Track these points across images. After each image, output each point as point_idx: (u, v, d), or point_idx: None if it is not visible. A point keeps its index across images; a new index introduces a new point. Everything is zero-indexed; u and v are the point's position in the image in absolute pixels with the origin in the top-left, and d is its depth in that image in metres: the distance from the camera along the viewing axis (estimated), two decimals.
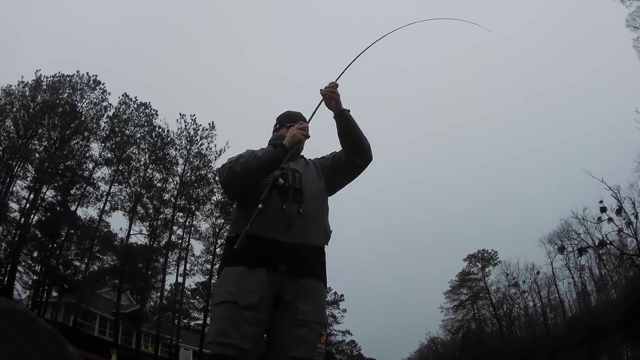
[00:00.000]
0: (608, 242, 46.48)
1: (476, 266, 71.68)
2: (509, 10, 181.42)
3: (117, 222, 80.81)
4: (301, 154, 3.34)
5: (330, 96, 3.14)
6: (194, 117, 46.47)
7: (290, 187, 2.92)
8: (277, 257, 2.72)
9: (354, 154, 3.19)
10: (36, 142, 38.03)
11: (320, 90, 3.17)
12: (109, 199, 42.07)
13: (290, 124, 3.28)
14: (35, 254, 36.89)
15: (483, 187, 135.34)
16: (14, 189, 36.34)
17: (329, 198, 3.26)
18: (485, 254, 70.45)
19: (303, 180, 3.03)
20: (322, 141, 3.60)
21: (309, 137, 3.10)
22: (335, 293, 74.97)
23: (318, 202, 3.01)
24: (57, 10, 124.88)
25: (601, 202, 45.69)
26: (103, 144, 42.12)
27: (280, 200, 2.85)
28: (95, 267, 41.03)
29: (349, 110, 3.17)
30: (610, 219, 45.38)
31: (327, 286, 3.06)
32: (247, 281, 2.65)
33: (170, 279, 47.59)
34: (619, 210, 43.66)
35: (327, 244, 3.03)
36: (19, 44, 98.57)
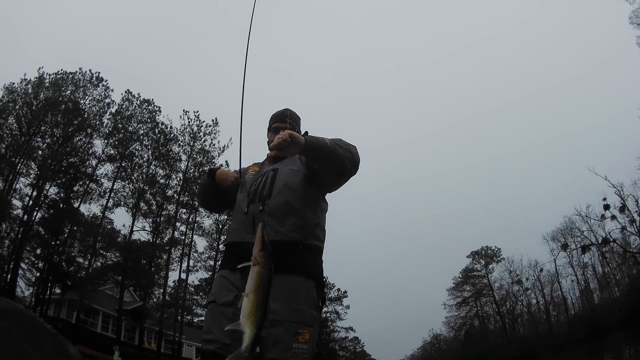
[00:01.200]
0: (611, 239, 46.40)
1: (479, 263, 71.74)
2: (508, 8, 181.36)
3: (121, 218, 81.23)
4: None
5: (284, 148, 2.66)
6: (197, 114, 46.52)
7: (257, 189, 3.01)
8: (245, 258, 2.66)
9: (330, 174, 2.96)
10: (39, 139, 38.08)
11: (270, 149, 2.82)
12: (112, 195, 42.21)
13: (273, 125, 3.34)
14: (38, 251, 36.98)
15: (486, 184, 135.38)
16: (17, 186, 36.45)
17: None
18: (489, 251, 70.41)
19: (278, 175, 3.03)
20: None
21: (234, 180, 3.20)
22: (338, 290, 75.16)
23: (289, 196, 2.92)
24: (55, 11, 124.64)
25: (604, 199, 45.62)
26: (106, 141, 42.23)
27: (245, 203, 2.98)
28: (99, 263, 41.13)
29: (306, 133, 2.87)
30: (613, 217, 45.29)
31: (330, 282, 3.01)
32: (225, 282, 2.82)
33: (173, 276, 47.62)
34: (622, 208, 43.57)
35: (305, 237, 2.88)
36: (18, 44, 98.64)
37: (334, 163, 2.82)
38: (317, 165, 2.89)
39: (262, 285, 2.24)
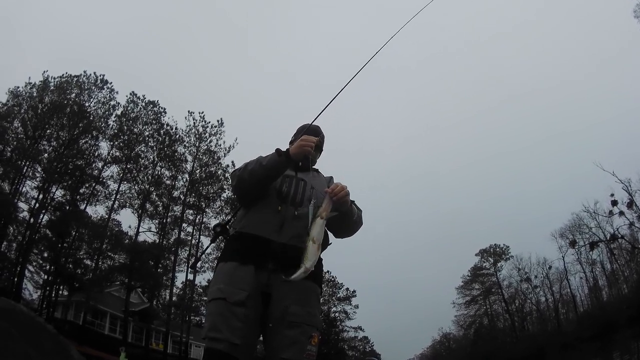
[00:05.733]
0: (619, 236, 46.00)
1: (488, 261, 71.52)
2: (509, 7, 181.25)
3: (128, 220, 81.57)
4: (314, 167, 3.37)
5: (344, 201, 2.91)
6: (202, 114, 46.60)
7: (288, 192, 3.01)
8: (266, 255, 2.77)
9: (337, 235, 3.30)
10: (45, 142, 38.33)
11: (331, 195, 2.85)
12: (117, 197, 42.43)
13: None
14: (45, 254, 37.21)
15: (492, 181, 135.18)
16: (24, 189, 36.72)
17: None
18: (497, 249, 70.23)
19: (307, 188, 3.07)
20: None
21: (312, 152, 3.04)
22: (347, 289, 75.24)
23: None
24: (54, 11, 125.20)
25: (612, 195, 45.26)
26: (111, 143, 42.42)
27: (277, 202, 2.94)
28: (106, 265, 41.36)
29: (353, 202, 3.10)
30: (621, 213, 44.87)
31: (339, 281, 3.06)
32: (236, 278, 2.72)
33: (181, 277, 47.82)
34: (630, 204, 43.12)
35: (321, 252, 2.95)
36: (17, 45, 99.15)
37: (346, 228, 3.23)
38: (340, 230, 3.24)
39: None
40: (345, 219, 3.04)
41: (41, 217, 37.12)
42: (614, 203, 45.43)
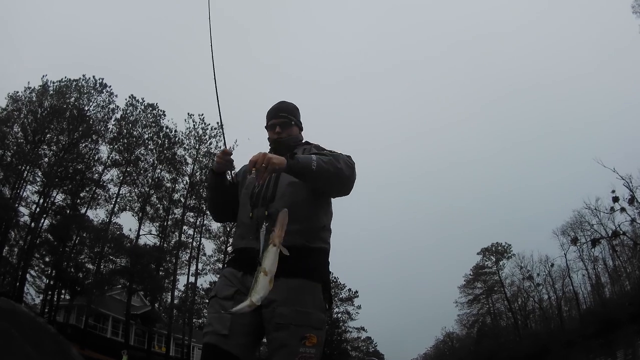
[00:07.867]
0: (621, 232, 45.89)
1: (490, 260, 71.23)
2: (515, 3, 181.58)
3: (128, 223, 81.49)
4: (304, 140, 3.25)
5: (267, 171, 2.52)
6: (202, 117, 46.58)
7: (259, 193, 2.93)
8: (250, 264, 2.69)
9: (324, 189, 2.91)
10: (45, 146, 38.32)
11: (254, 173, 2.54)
12: (118, 200, 42.45)
13: (269, 122, 3.24)
14: (47, 258, 37.20)
15: (492, 179, 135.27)
16: (24, 194, 36.71)
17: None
18: (499, 247, 70.01)
19: (280, 179, 2.91)
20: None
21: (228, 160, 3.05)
22: (349, 290, 75.17)
23: (293, 199, 2.82)
24: (53, 14, 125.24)
25: (613, 191, 45.19)
26: (111, 146, 42.42)
27: (249, 208, 2.92)
28: (107, 268, 41.33)
29: (294, 154, 2.69)
30: (622, 209, 44.81)
31: (341, 282, 2.95)
32: (228, 280, 2.83)
33: (182, 280, 47.80)
34: (632, 200, 43.05)
35: (310, 241, 2.83)
36: (16, 46, 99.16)
37: (322, 182, 2.78)
38: (307, 183, 2.80)
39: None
40: (309, 178, 2.71)
41: (42, 221, 37.20)
42: (616, 199, 45.36)
